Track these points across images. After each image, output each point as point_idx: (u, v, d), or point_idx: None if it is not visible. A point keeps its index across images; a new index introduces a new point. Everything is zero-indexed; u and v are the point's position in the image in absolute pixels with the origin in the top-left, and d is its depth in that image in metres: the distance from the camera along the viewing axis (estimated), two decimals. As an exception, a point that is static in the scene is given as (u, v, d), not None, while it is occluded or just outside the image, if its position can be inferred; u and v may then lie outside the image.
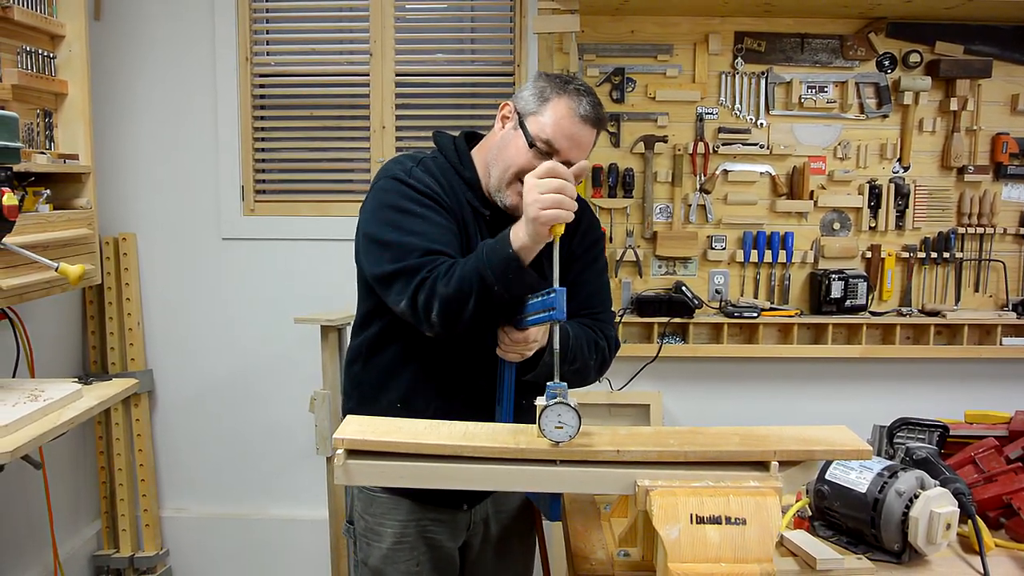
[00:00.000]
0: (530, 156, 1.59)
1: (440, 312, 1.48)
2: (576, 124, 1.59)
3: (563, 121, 1.58)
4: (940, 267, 3.04)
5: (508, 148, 1.63)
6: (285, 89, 3.16)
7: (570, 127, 1.58)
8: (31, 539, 2.80)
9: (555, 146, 1.59)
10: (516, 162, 1.61)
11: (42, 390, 1.76)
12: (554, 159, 1.57)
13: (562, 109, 1.59)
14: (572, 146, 1.59)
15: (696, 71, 2.97)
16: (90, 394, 1.83)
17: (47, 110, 2.52)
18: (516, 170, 1.60)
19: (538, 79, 1.66)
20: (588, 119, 1.60)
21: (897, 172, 3.01)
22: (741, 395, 3.10)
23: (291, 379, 3.14)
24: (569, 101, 1.59)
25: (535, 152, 1.59)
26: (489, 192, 1.69)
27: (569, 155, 1.59)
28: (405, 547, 1.77)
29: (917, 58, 2.93)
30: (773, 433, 1.42)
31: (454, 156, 1.73)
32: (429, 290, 1.49)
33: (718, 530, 1.25)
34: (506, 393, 1.60)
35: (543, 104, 1.61)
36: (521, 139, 1.61)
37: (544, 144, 1.59)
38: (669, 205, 3.01)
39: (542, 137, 1.59)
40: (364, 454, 1.37)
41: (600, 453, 1.34)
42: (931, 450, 1.80)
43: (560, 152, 1.59)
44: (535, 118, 1.61)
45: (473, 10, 3.18)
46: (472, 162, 1.73)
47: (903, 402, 2.89)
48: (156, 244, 3.17)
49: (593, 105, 1.61)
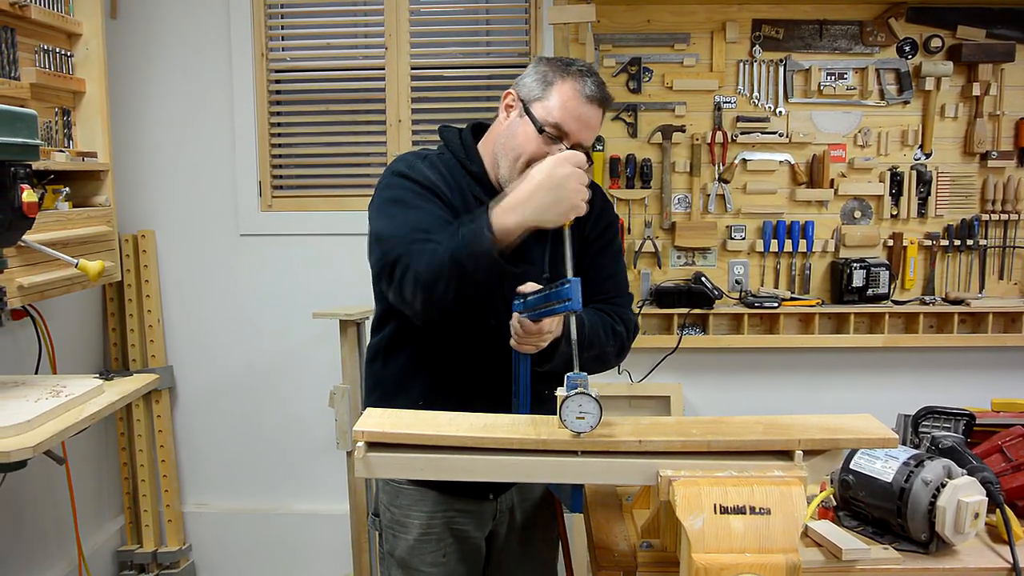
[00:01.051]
0: (540, 142, 1.58)
1: (415, 292, 1.47)
2: (583, 105, 1.58)
3: (570, 103, 1.57)
4: (963, 255, 3.00)
5: (516, 136, 1.62)
6: (301, 84, 3.16)
7: (577, 108, 1.57)
8: (57, 534, 2.82)
9: (564, 129, 1.57)
10: (527, 149, 1.59)
11: (64, 386, 1.77)
12: (564, 142, 1.56)
13: (568, 91, 1.58)
14: (581, 127, 1.58)
15: (713, 60, 2.94)
16: (111, 390, 1.84)
17: (65, 108, 2.53)
18: (527, 157, 1.59)
19: (539, 64, 1.65)
20: (595, 99, 1.59)
21: (919, 159, 2.97)
22: (762, 386, 3.08)
23: (310, 374, 3.15)
24: (574, 83, 1.58)
25: (545, 137, 1.58)
26: (499, 183, 1.68)
27: (579, 136, 1.58)
28: (432, 538, 1.77)
29: (938, 43, 2.89)
30: (797, 422, 1.40)
31: (460, 150, 1.72)
32: (402, 271, 1.48)
33: (742, 520, 1.23)
34: (522, 386, 1.59)
35: (547, 88, 1.60)
36: (529, 126, 1.59)
37: (553, 128, 1.58)
38: (687, 195, 2.99)
39: (550, 121, 1.58)
40: (384, 446, 1.36)
41: (622, 443, 1.32)
42: (957, 439, 1.77)
43: (570, 135, 1.58)
44: (541, 103, 1.59)
45: (488, 1, 3.17)
46: (479, 155, 1.72)
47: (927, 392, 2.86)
48: (175, 241, 3.18)
49: (598, 85, 1.60)
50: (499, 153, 1.66)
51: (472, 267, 1.42)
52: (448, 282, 1.44)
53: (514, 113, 1.65)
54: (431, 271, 1.45)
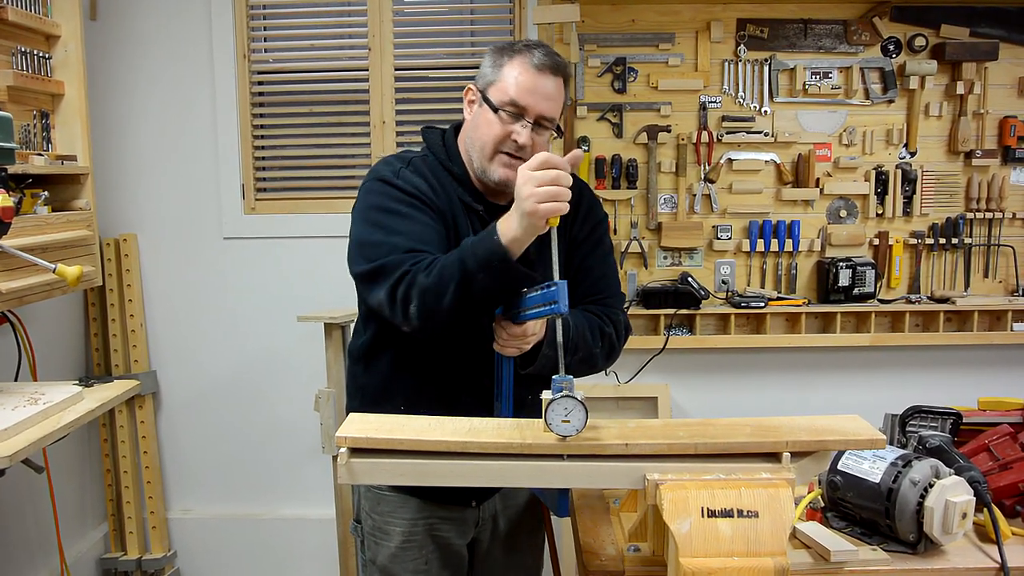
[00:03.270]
0: (501, 123, 1.58)
1: (419, 304, 1.45)
2: (534, 75, 1.57)
3: (520, 77, 1.57)
4: (949, 253, 3.01)
5: (480, 126, 1.62)
6: (284, 86, 3.13)
7: (528, 80, 1.57)
8: (39, 542, 2.78)
9: (521, 103, 1.57)
10: (490, 134, 1.59)
11: (42, 393, 1.74)
12: (525, 118, 1.56)
13: (517, 66, 1.58)
14: (538, 99, 1.57)
15: (698, 59, 2.94)
16: (91, 396, 1.81)
17: (44, 111, 2.49)
18: (493, 142, 1.59)
19: (490, 53, 1.65)
20: (545, 67, 1.58)
21: (904, 158, 2.98)
22: (749, 386, 3.07)
23: (296, 378, 3.12)
24: (521, 58, 1.59)
25: (505, 117, 1.58)
26: (479, 181, 1.67)
27: (538, 108, 1.57)
28: (413, 545, 1.75)
29: (922, 42, 2.90)
30: (785, 423, 1.40)
31: (442, 152, 1.71)
32: (408, 283, 1.46)
33: (730, 523, 1.23)
34: (505, 389, 1.58)
35: (499, 70, 1.60)
36: (488, 112, 1.59)
37: (510, 106, 1.57)
38: (673, 195, 2.98)
39: (505, 100, 1.57)
40: (368, 452, 1.34)
41: (608, 447, 1.31)
42: (944, 438, 1.77)
43: (528, 108, 1.57)
44: (495, 86, 1.60)
45: (472, 2, 3.15)
46: (460, 156, 1.71)
47: (914, 390, 2.87)
48: (158, 244, 3.15)
49: (547, 54, 1.60)
50: (470, 148, 1.66)
51: (484, 273, 1.40)
52: (457, 292, 1.42)
53: (475, 106, 1.65)
54: (440, 283, 1.43)
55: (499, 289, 1.44)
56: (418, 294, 1.45)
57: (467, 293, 1.42)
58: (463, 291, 1.42)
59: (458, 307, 1.43)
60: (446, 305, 1.43)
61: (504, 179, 1.59)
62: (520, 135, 1.57)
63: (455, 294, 1.42)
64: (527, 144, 1.57)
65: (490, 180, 1.62)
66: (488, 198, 1.67)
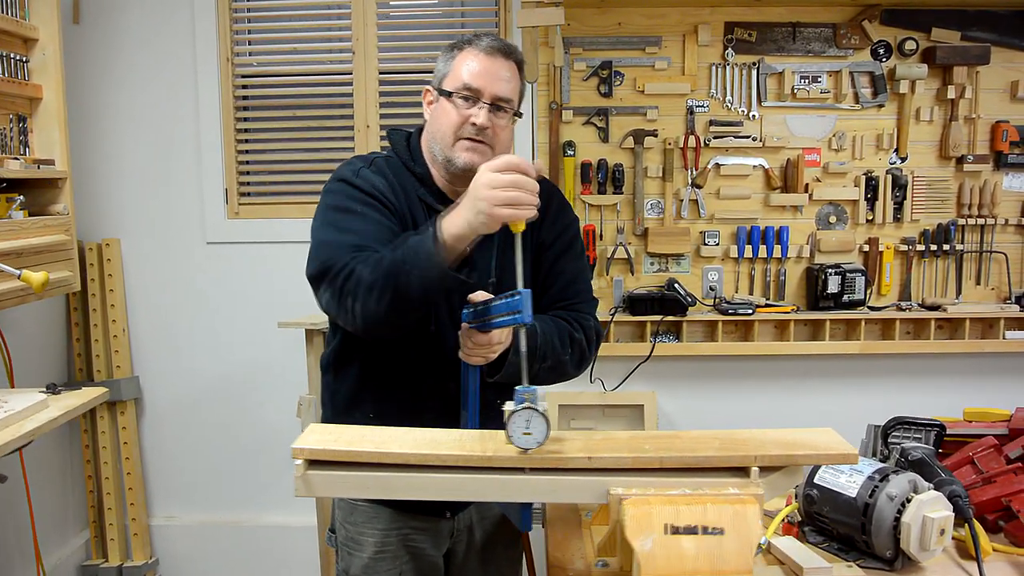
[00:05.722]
0: (457, 109, 1.57)
1: (362, 302, 1.43)
2: (483, 59, 1.58)
3: (471, 62, 1.58)
4: (940, 260, 2.97)
5: (439, 117, 1.61)
6: (267, 90, 3.10)
7: (479, 64, 1.58)
8: (18, 549, 2.75)
9: (474, 86, 1.56)
10: (448, 121, 1.58)
11: (5, 401, 1.71)
12: (481, 100, 1.55)
13: (468, 54, 1.60)
14: (491, 79, 1.57)
15: (686, 63, 2.91)
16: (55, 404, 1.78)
17: (21, 115, 2.47)
18: (452, 128, 1.58)
19: (442, 52, 1.66)
20: (494, 49, 1.59)
21: (894, 163, 2.94)
22: (737, 394, 3.03)
23: (280, 384, 3.09)
24: (470, 47, 1.60)
25: (460, 103, 1.57)
26: (443, 181, 1.65)
27: (492, 88, 1.57)
28: (387, 556, 1.72)
29: (913, 45, 2.86)
30: (755, 437, 1.35)
31: (405, 152, 1.69)
32: (355, 280, 1.44)
33: (694, 541, 1.19)
34: (471, 397, 1.54)
35: (450, 62, 1.62)
36: (445, 102, 1.59)
37: (464, 90, 1.57)
38: (660, 201, 2.95)
39: (459, 85, 1.57)
40: (327, 464, 1.31)
41: (571, 460, 1.27)
42: (927, 450, 1.73)
43: (482, 90, 1.56)
44: (448, 78, 1.61)
45: (457, 4, 3.12)
46: (422, 156, 1.69)
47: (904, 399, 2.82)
48: (141, 249, 3.12)
49: (494, 39, 1.62)
50: (434, 143, 1.63)
51: (416, 272, 1.37)
52: (392, 288, 1.39)
53: (433, 104, 1.65)
54: (375, 277, 1.41)
55: (433, 290, 1.41)
56: (361, 291, 1.42)
57: (403, 292, 1.39)
58: (398, 290, 1.39)
59: (395, 306, 1.41)
60: (385, 304, 1.41)
61: (468, 163, 1.56)
62: (478, 116, 1.56)
63: (392, 293, 1.39)
64: (487, 125, 1.56)
65: (456, 168, 1.60)
66: (450, 197, 1.64)
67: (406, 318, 1.46)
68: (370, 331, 1.51)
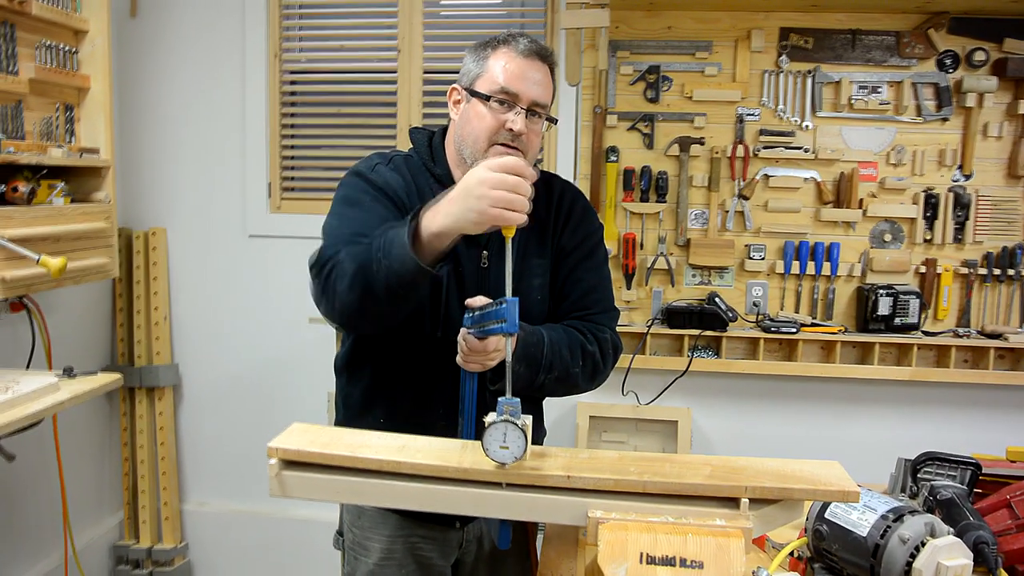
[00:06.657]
0: (493, 114, 1.52)
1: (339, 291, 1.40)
2: (522, 62, 1.53)
3: (509, 64, 1.52)
4: (1004, 285, 2.78)
5: (470, 121, 1.55)
6: (314, 86, 3.12)
7: (517, 67, 1.52)
8: (52, 525, 2.82)
9: (512, 90, 1.51)
10: (482, 126, 1.53)
11: (16, 382, 1.74)
12: (518, 105, 1.50)
13: (503, 55, 1.54)
14: (529, 84, 1.52)
15: (737, 69, 2.80)
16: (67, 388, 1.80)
17: (68, 104, 2.53)
18: (487, 133, 1.52)
19: (471, 50, 1.61)
20: (532, 52, 1.54)
21: (957, 180, 2.77)
22: (776, 415, 2.90)
23: (314, 377, 3.10)
24: (506, 48, 1.55)
25: (497, 107, 1.52)
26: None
27: (530, 93, 1.52)
28: (393, 563, 1.68)
29: (982, 56, 2.69)
30: (751, 466, 1.27)
31: (426, 152, 1.66)
32: (333, 267, 1.41)
33: (671, 573, 1.11)
34: (467, 405, 1.49)
35: (483, 63, 1.56)
36: (478, 105, 1.53)
37: (500, 93, 1.51)
38: (705, 211, 2.85)
39: (496, 88, 1.52)
40: (302, 465, 1.28)
41: (549, 478, 1.21)
42: (959, 490, 1.60)
43: (520, 95, 1.51)
44: (482, 79, 1.55)
45: (504, 5, 3.08)
46: (444, 157, 1.64)
47: (955, 431, 2.67)
48: (185, 240, 3.18)
49: (531, 41, 1.56)
50: (462, 147, 1.58)
51: (386, 264, 1.33)
52: (362, 279, 1.36)
53: (462, 104, 1.60)
54: (352, 266, 1.38)
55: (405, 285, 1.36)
56: (338, 280, 1.40)
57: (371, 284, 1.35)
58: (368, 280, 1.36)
59: (366, 297, 1.37)
60: (356, 295, 1.38)
61: None
62: (515, 123, 1.51)
63: (363, 283, 1.36)
64: (523, 132, 1.51)
65: None
66: None
67: (380, 311, 1.42)
68: (349, 323, 1.49)
